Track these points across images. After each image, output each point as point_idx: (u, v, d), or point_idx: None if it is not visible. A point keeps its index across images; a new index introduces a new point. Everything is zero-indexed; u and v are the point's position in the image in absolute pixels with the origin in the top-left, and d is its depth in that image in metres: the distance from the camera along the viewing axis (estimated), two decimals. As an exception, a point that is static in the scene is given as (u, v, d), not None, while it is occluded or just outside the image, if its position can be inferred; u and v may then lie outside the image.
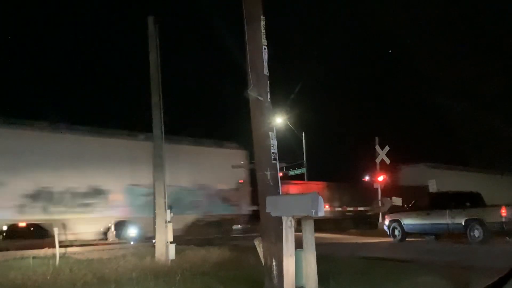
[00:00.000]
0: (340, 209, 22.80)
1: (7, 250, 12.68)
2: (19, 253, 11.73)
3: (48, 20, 39.85)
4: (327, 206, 20.91)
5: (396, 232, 15.46)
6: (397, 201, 21.33)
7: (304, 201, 5.12)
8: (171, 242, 10.27)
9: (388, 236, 15.83)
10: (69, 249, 12.56)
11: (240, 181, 19.03)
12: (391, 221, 15.77)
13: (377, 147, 22.64)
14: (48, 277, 7.82)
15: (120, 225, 16.55)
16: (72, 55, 38.57)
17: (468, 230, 13.25)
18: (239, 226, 19.67)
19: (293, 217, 5.34)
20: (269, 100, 6.28)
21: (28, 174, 14.46)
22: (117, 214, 16.29)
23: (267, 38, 6.29)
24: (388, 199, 22.22)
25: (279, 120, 21.81)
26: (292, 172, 25.91)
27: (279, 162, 6.22)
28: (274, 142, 6.16)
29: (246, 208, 18.85)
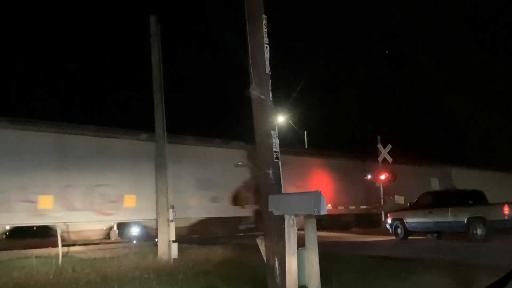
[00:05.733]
0: (342, 207, 22.77)
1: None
2: (22, 252, 11.76)
3: (49, 19, 39.87)
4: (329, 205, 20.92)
5: (399, 231, 15.44)
6: (400, 199, 21.29)
7: (307, 199, 5.11)
8: (173, 241, 10.29)
9: (391, 234, 15.81)
10: (72, 248, 12.59)
11: None
12: (393, 220, 15.76)
13: (379, 146, 22.61)
14: (51, 276, 7.85)
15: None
16: (72, 54, 38.59)
17: (470, 228, 13.22)
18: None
19: (295, 215, 5.34)
20: (271, 98, 6.28)
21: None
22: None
23: (269, 37, 6.29)
24: (391, 197, 22.18)
25: (281, 119, 21.78)
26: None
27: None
28: (276, 141, 6.16)
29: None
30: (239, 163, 18.70)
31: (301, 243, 5.39)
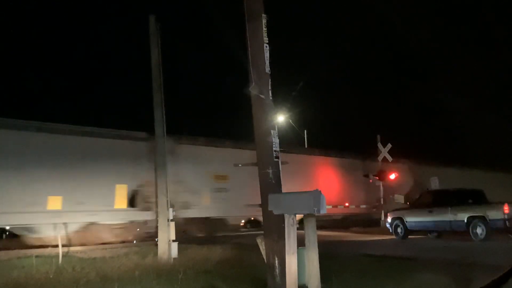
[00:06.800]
0: (342, 206, 22.81)
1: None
2: (22, 252, 11.77)
3: (48, 18, 39.88)
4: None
5: (399, 230, 15.45)
6: (399, 198, 21.30)
7: (306, 199, 5.11)
8: (173, 241, 10.30)
9: (390, 233, 15.82)
10: (72, 248, 12.60)
11: None
12: (393, 219, 15.76)
13: (379, 145, 22.64)
14: (51, 276, 7.85)
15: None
16: (72, 54, 38.62)
17: (470, 227, 13.22)
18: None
19: (295, 215, 5.34)
20: (270, 98, 6.29)
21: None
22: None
23: (268, 36, 6.29)
24: (391, 196, 22.19)
25: (281, 118, 21.80)
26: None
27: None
28: (275, 140, 6.17)
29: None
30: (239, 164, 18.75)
31: (301, 242, 5.39)
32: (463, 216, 13.42)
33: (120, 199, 15.13)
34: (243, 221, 21.69)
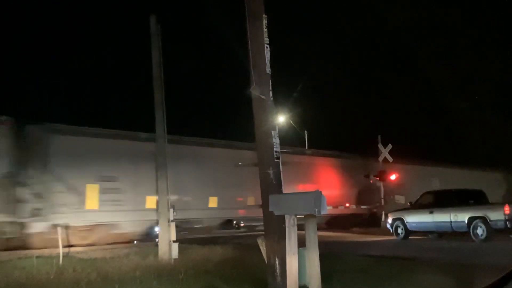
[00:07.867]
0: (342, 207, 22.80)
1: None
2: (23, 252, 11.78)
3: (49, 18, 39.91)
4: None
5: (399, 230, 15.44)
6: (400, 199, 21.29)
7: (307, 199, 5.12)
8: (174, 241, 10.29)
9: (391, 234, 15.82)
10: (72, 249, 12.60)
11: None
12: (394, 219, 15.75)
13: (380, 145, 22.62)
14: (51, 277, 7.85)
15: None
16: (72, 54, 38.62)
17: (471, 228, 13.21)
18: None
19: (295, 215, 5.35)
20: (271, 98, 6.29)
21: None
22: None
23: (269, 36, 6.29)
24: (391, 197, 22.18)
25: (282, 119, 21.77)
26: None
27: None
28: (276, 141, 6.17)
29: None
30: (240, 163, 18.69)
31: (301, 243, 5.39)
32: (464, 217, 13.41)
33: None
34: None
